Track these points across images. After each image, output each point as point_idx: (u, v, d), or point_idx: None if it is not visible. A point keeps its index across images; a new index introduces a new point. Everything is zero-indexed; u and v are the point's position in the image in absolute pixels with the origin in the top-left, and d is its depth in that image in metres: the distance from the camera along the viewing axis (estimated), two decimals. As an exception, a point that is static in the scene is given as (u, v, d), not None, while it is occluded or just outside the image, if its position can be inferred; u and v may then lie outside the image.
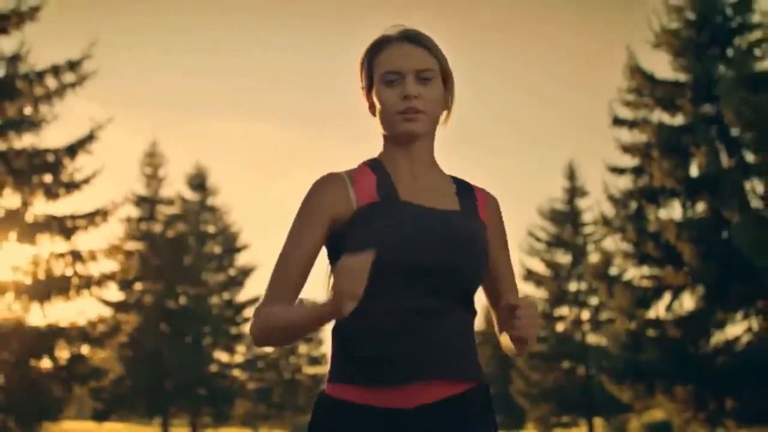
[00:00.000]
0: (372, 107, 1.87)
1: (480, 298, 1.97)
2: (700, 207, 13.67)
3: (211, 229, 28.76)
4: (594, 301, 24.83)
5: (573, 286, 26.75)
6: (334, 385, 1.79)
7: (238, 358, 29.20)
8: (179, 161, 33.72)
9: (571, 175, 28.68)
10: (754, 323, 13.22)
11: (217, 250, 28.94)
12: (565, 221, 27.84)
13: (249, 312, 29.30)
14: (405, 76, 1.80)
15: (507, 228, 1.95)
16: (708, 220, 13.02)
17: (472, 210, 1.87)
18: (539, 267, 27.79)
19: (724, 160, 13.59)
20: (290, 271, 1.81)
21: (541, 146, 41.76)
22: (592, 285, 17.82)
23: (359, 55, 1.90)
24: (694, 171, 13.80)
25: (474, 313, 1.87)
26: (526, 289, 28.29)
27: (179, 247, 25.95)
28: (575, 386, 24.00)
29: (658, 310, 14.31)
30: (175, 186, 27.15)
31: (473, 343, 1.84)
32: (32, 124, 12.88)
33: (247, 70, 45.95)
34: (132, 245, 22.62)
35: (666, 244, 13.47)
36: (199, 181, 28.83)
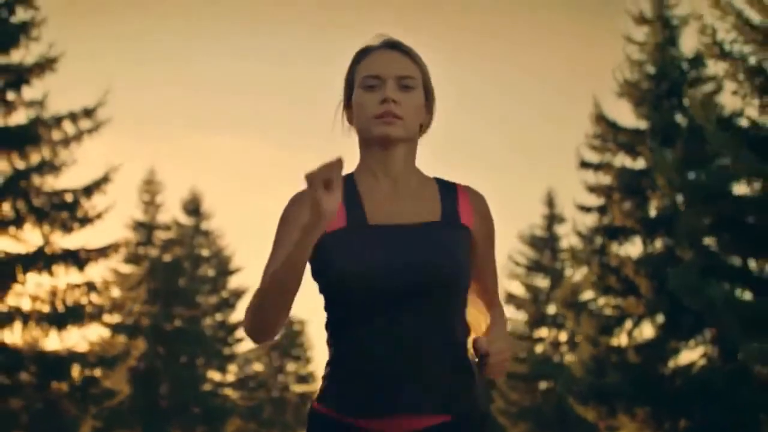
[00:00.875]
0: (350, 117, 1.86)
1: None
2: (658, 244, 15.21)
3: (205, 252, 30.15)
4: (571, 323, 26.25)
5: (551, 309, 28.26)
6: (320, 406, 1.80)
7: (230, 378, 30.59)
8: (165, 178, 35.12)
9: (550, 202, 30.20)
10: (705, 350, 14.74)
11: (211, 272, 30.34)
12: (544, 247, 29.37)
13: (241, 333, 30.72)
14: (385, 81, 1.78)
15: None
16: (662, 257, 14.54)
17: (453, 215, 1.82)
18: (519, 290, 29.29)
19: (680, 201, 15.15)
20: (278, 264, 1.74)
21: (522, 175, 43.20)
22: (562, 313, 19.28)
23: (344, 67, 1.89)
24: (652, 212, 15.35)
25: (466, 331, 1.83)
26: (506, 311, 29.82)
27: (175, 271, 27.34)
28: (552, 406, 25.47)
29: (620, 337, 15.82)
30: (163, 206, 28.48)
31: (465, 366, 1.78)
32: (53, 167, 14.30)
33: (225, 82, 44.59)
34: (130, 269, 24.02)
35: (626, 278, 15.00)
36: (194, 206, 30.25)
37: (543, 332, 28.98)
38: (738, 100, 10.45)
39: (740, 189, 10.73)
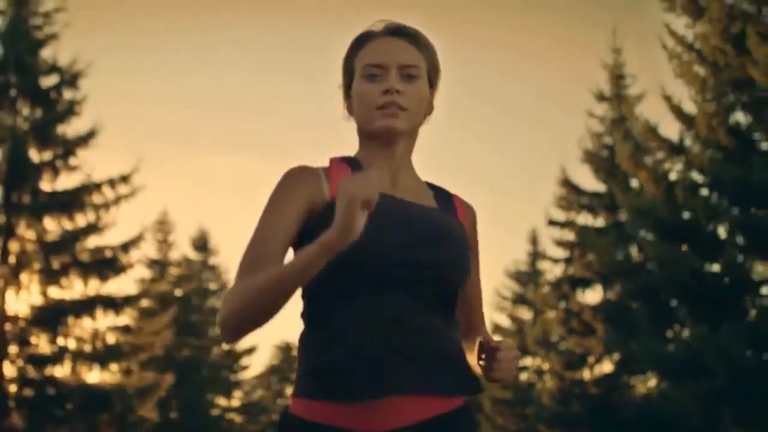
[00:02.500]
0: (350, 107, 1.77)
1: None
2: (614, 293, 17.95)
3: (212, 286, 32.87)
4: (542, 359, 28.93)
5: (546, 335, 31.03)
6: (297, 401, 1.65)
7: (235, 403, 33.22)
8: (162, 199, 36.89)
9: (534, 240, 32.95)
10: (654, 384, 17.45)
11: (218, 305, 33.04)
12: (528, 281, 32.11)
13: (245, 360, 33.47)
14: (388, 71, 1.69)
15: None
16: (616, 304, 17.29)
17: (452, 211, 1.77)
18: (505, 321, 32.00)
19: (635, 255, 17.91)
20: (269, 243, 1.63)
21: (509, 213, 45.88)
22: (534, 350, 22.02)
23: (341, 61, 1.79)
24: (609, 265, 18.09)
25: (457, 322, 1.74)
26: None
27: (187, 305, 30.04)
28: (535, 431, 28.15)
29: (583, 371, 18.56)
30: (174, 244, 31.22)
31: (460, 352, 1.68)
32: (96, 229, 17.05)
33: (215, 99, 44.41)
34: (145, 302, 26.72)
35: (585, 321, 17.75)
36: (201, 243, 33.01)
37: (527, 361, 31.67)
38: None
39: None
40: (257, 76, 41.24)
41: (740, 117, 11.38)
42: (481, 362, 1.70)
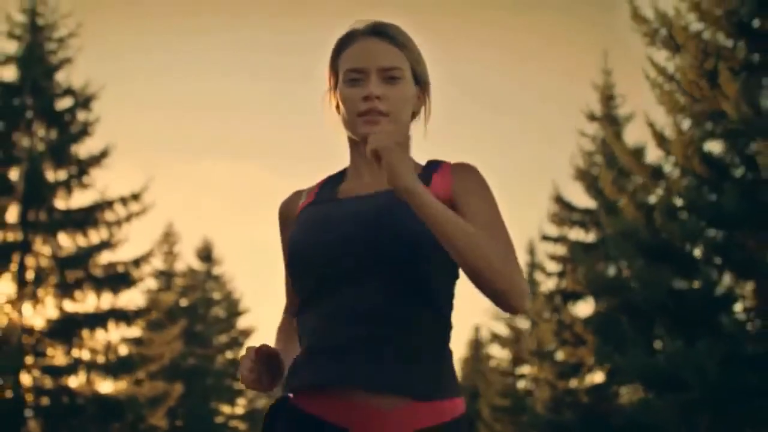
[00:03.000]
0: (339, 110, 1.78)
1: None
2: (603, 306, 18.80)
3: (216, 295, 33.75)
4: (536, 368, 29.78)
5: (541, 344, 31.90)
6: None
7: (239, 410, 34.06)
8: (168, 206, 37.56)
9: (531, 251, 33.81)
10: (640, 393, 18.28)
11: (222, 314, 33.92)
12: (529, 284, 32.96)
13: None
14: (368, 75, 1.69)
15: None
16: (605, 317, 18.14)
17: (424, 183, 1.72)
18: (503, 330, 32.85)
19: (624, 269, 18.75)
20: (287, 285, 1.89)
21: (511, 219, 46.73)
22: (529, 361, 22.85)
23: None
24: (599, 279, 18.94)
25: (441, 317, 1.68)
26: (491, 350, 33.68)
27: (192, 315, 30.89)
28: (531, 437, 29.00)
29: (575, 381, 19.40)
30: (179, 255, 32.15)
31: (419, 342, 1.63)
32: (108, 245, 17.92)
33: (223, 107, 44.33)
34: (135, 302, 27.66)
35: (577, 333, 18.60)
36: (206, 253, 33.88)
37: (525, 369, 32.52)
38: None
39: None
40: (260, 80, 41.50)
41: (714, 146, 12.26)
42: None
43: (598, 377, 19.31)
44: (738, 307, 11.84)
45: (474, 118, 40.68)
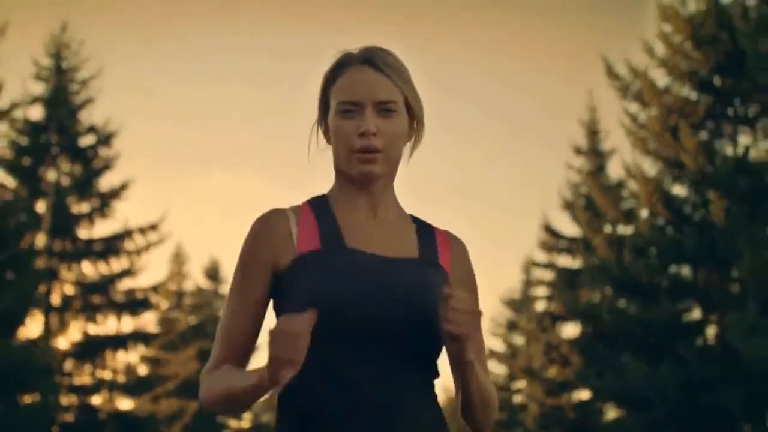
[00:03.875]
0: (327, 137, 1.75)
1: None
2: (587, 329, 20.36)
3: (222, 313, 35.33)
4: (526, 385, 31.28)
5: (531, 362, 33.45)
6: None
7: (245, 425, 35.63)
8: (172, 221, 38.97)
9: (527, 270, 35.36)
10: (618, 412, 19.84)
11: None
12: (521, 309, 34.54)
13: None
14: (364, 108, 1.66)
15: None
16: (588, 339, 19.70)
17: (432, 255, 1.72)
18: (499, 346, 34.42)
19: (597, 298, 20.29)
20: (235, 328, 1.69)
21: (502, 244, 48.26)
22: (519, 378, 24.42)
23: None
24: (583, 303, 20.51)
25: (434, 381, 1.71)
26: (488, 365, 35.21)
27: (200, 333, 32.47)
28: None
29: (562, 398, 20.95)
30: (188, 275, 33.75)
31: (436, 417, 1.66)
32: (129, 273, 19.52)
33: (215, 119, 44.32)
34: (153, 325, 29.24)
35: (563, 354, 20.16)
36: (213, 272, 35.51)
37: (520, 384, 34.08)
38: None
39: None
40: (260, 88, 42.16)
41: (679, 190, 13.84)
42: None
43: (584, 395, 20.85)
44: (698, 335, 13.40)
45: (480, 114, 41.96)
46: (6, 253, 13.37)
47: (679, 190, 14.11)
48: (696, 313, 13.59)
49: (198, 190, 45.41)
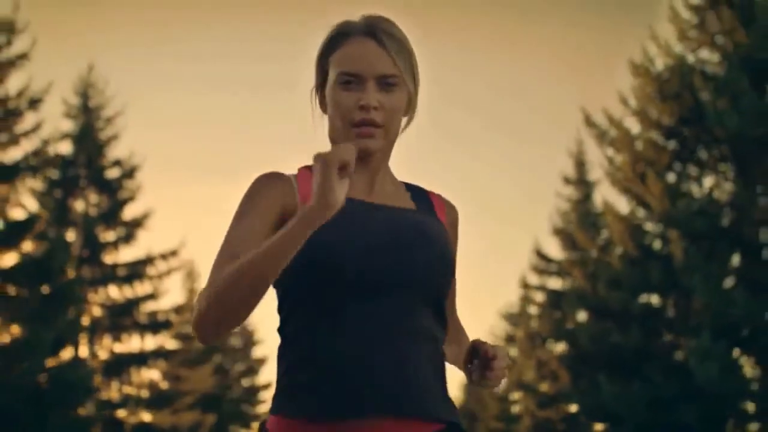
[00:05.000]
0: (323, 106, 1.74)
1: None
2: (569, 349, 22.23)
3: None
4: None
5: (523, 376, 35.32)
6: (275, 419, 1.62)
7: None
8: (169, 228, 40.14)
9: (525, 286, 37.22)
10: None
11: (238, 343, 37.43)
12: (518, 323, 36.41)
13: (264, 394, 37.87)
14: (365, 81, 1.65)
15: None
16: (572, 358, 21.57)
17: (430, 211, 1.76)
18: (499, 359, 36.31)
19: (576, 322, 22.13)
20: (245, 243, 1.57)
21: (498, 261, 50.02)
22: (515, 390, 26.31)
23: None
24: (569, 323, 22.40)
25: (445, 332, 1.70)
26: (488, 377, 37.14)
27: (215, 349, 34.43)
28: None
29: (552, 411, 22.84)
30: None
31: (444, 371, 1.68)
32: (152, 297, 21.46)
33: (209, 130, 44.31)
34: (173, 344, 31.15)
35: (553, 369, 22.04)
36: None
37: (517, 395, 35.96)
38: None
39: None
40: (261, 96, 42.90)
41: (648, 227, 15.72)
42: (470, 366, 1.68)
43: (573, 407, 22.73)
44: (664, 358, 15.28)
45: (480, 120, 43.17)
46: (52, 285, 15.27)
47: (649, 227, 15.99)
48: (662, 338, 15.48)
49: (204, 201, 46.61)
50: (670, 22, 16.76)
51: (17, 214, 14.83)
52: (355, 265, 1.58)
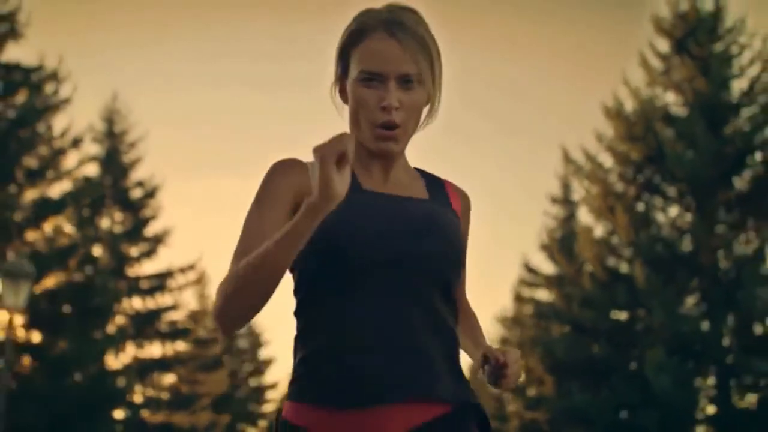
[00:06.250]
0: (343, 96, 1.79)
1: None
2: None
3: (242, 329, 39.70)
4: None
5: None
6: (292, 405, 1.68)
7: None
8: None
9: (517, 297, 39.57)
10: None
11: (245, 345, 39.87)
12: (513, 327, 38.80)
13: (270, 394, 40.31)
14: (387, 81, 1.69)
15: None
16: (552, 366, 23.94)
17: (444, 200, 1.82)
18: (495, 361, 38.71)
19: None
20: (261, 236, 1.66)
21: (493, 266, 52.06)
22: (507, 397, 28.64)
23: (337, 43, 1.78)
24: (554, 333, 24.77)
25: (456, 318, 1.76)
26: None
27: (228, 351, 36.87)
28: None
29: (538, 413, 25.22)
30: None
31: (457, 355, 1.74)
32: (173, 308, 23.87)
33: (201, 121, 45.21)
34: (181, 344, 33.60)
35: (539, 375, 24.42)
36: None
37: (510, 396, 38.48)
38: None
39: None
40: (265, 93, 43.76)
41: (616, 252, 18.12)
42: (483, 371, 1.76)
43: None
44: (627, 369, 17.69)
45: (479, 115, 44.81)
46: (92, 302, 17.68)
47: (617, 252, 18.38)
48: (628, 352, 17.88)
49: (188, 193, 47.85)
50: (641, 67, 19.14)
51: (62, 239, 17.17)
52: (366, 251, 1.64)
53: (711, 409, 17.04)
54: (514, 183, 48.68)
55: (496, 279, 49.74)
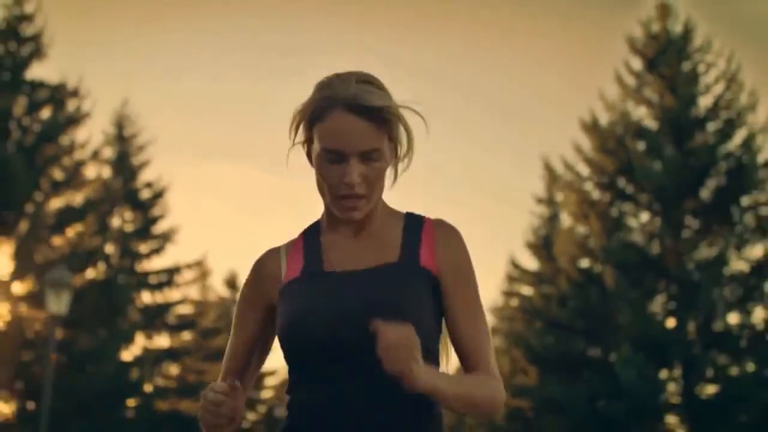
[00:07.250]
0: (310, 156, 1.86)
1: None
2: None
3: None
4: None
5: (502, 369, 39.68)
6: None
7: (258, 417, 41.91)
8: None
9: (504, 292, 41.41)
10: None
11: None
12: (502, 317, 40.72)
13: (268, 380, 42.24)
14: (348, 157, 1.77)
15: None
16: (531, 358, 25.85)
17: (413, 256, 1.83)
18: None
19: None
20: (235, 353, 1.95)
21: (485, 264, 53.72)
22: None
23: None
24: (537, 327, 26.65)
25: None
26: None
27: (223, 341, 38.71)
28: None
29: (522, 401, 27.16)
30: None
31: (423, 427, 1.75)
32: (181, 302, 25.71)
33: (215, 107, 46.17)
34: (187, 336, 35.50)
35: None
36: (232, 282, 41.73)
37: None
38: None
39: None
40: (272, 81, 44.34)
41: (589, 256, 20.02)
42: None
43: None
44: (599, 363, 19.58)
45: (468, 99, 46.15)
46: (111, 300, 19.53)
47: (591, 255, 20.27)
48: (599, 348, 19.80)
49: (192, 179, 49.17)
50: (616, 83, 20.96)
51: (85, 243, 18.99)
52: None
53: (676, 399, 18.94)
54: (512, 175, 50.30)
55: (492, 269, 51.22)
